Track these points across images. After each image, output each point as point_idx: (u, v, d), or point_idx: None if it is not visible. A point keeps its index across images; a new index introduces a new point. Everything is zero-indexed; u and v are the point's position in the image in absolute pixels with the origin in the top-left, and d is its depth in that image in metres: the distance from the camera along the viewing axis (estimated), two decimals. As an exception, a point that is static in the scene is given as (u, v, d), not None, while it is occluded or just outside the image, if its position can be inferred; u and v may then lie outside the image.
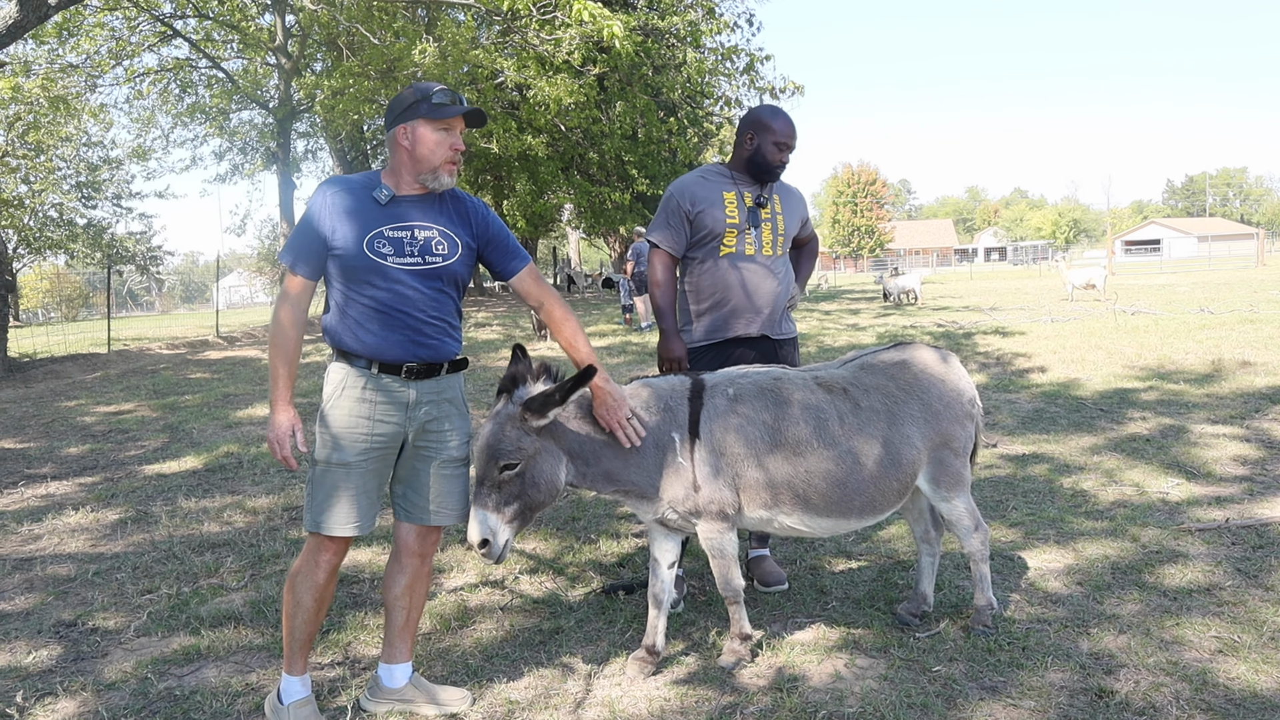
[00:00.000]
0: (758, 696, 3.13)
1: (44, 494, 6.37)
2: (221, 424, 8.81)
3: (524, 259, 3.14)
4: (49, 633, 3.91)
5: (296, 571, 3.01)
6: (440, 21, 18.47)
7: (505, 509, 3.01)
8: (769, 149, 3.93)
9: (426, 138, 2.88)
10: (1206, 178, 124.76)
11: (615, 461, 3.21)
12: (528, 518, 3.11)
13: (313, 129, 27.26)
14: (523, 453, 3.02)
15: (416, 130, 2.87)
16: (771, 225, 4.00)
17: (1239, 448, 6.18)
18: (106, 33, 19.40)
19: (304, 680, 3.05)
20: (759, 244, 3.97)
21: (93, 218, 35.84)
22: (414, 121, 2.87)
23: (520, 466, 3.02)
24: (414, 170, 2.91)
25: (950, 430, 3.45)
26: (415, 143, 2.88)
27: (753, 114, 4.03)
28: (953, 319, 17.23)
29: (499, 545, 3.00)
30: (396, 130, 2.90)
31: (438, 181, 2.92)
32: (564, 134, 22.82)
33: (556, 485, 3.13)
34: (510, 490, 3.02)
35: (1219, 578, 3.95)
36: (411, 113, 2.87)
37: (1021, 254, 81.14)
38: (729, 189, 3.98)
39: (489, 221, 3.08)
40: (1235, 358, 9.78)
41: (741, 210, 3.95)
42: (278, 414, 2.85)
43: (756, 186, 4.02)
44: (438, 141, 2.88)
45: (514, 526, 3.04)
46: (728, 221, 3.93)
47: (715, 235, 3.94)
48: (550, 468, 3.10)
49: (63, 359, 14.60)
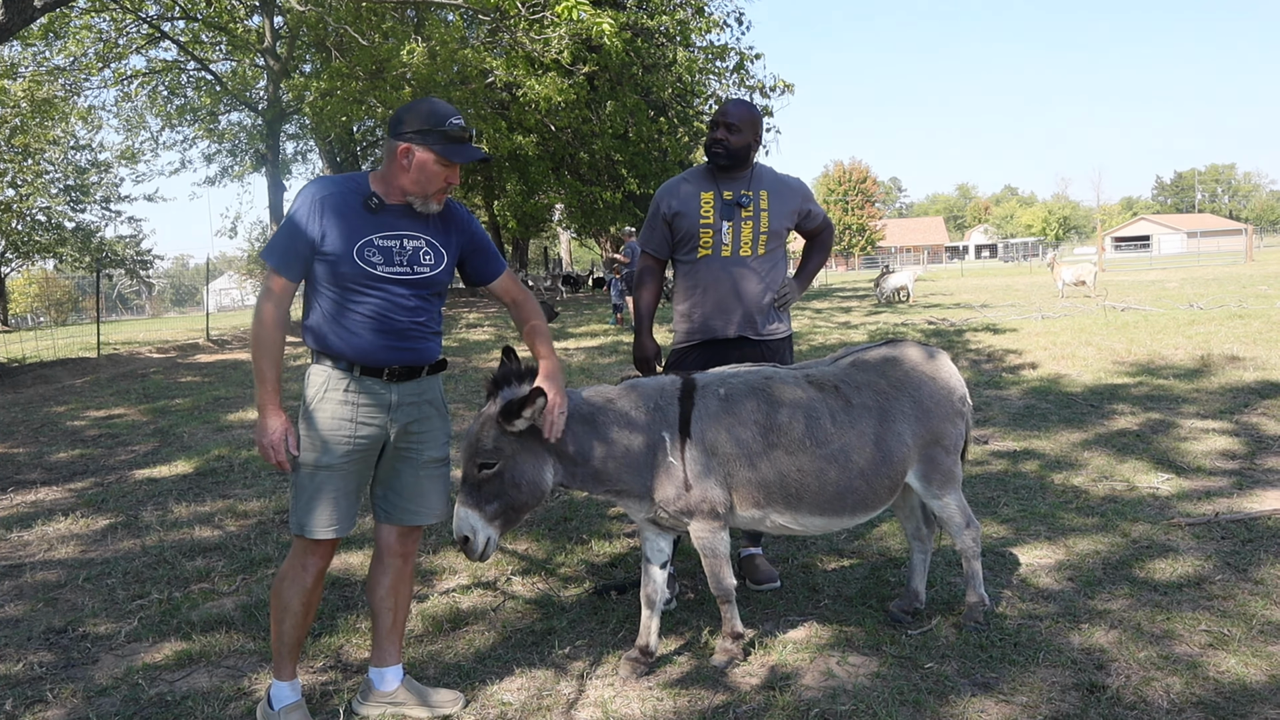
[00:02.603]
0: (751, 695, 3.13)
1: (33, 500, 6.34)
2: (212, 427, 8.77)
3: (503, 263, 3.21)
4: (39, 639, 3.89)
5: (283, 576, 3.00)
6: (429, 21, 18.43)
7: (486, 507, 3.05)
8: (710, 131, 3.98)
9: (429, 168, 2.84)
10: (1195, 174, 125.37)
11: (605, 462, 3.21)
12: (511, 517, 3.13)
13: (302, 131, 27.14)
14: (500, 453, 3.05)
15: (420, 156, 2.83)
16: (753, 223, 3.96)
17: (1228, 442, 6.21)
18: (93, 35, 19.28)
19: (294, 685, 3.04)
20: (736, 244, 3.95)
21: (81, 221, 35.76)
22: (421, 147, 2.83)
23: (499, 467, 3.05)
24: (405, 190, 2.89)
25: (941, 428, 3.46)
26: (416, 169, 2.85)
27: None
28: (944, 316, 17.27)
29: (479, 543, 3.04)
30: (400, 147, 2.84)
31: (426, 207, 2.92)
32: (554, 134, 22.80)
33: (540, 486, 3.13)
34: (490, 489, 3.05)
35: (1209, 572, 3.97)
36: (421, 138, 2.82)
37: (1012, 251, 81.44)
38: (707, 189, 3.99)
39: (473, 230, 3.10)
40: (1224, 353, 9.83)
41: (717, 209, 3.95)
42: (269, 418, 2.82)
43: (736, 182, 3.99)
44: (436, 174, 2.86)
45: (497, 525, 3.07)
46: (701, 223, 3.95)
47: (691, 237, 3.97)
48: (533, 469, 3.10)
49: (52, 364, 14.52)
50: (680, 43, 22.83)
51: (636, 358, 4.14)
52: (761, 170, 4.09)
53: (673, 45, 22.60)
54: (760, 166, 4.10)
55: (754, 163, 4.07)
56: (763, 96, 23.14)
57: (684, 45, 23.01)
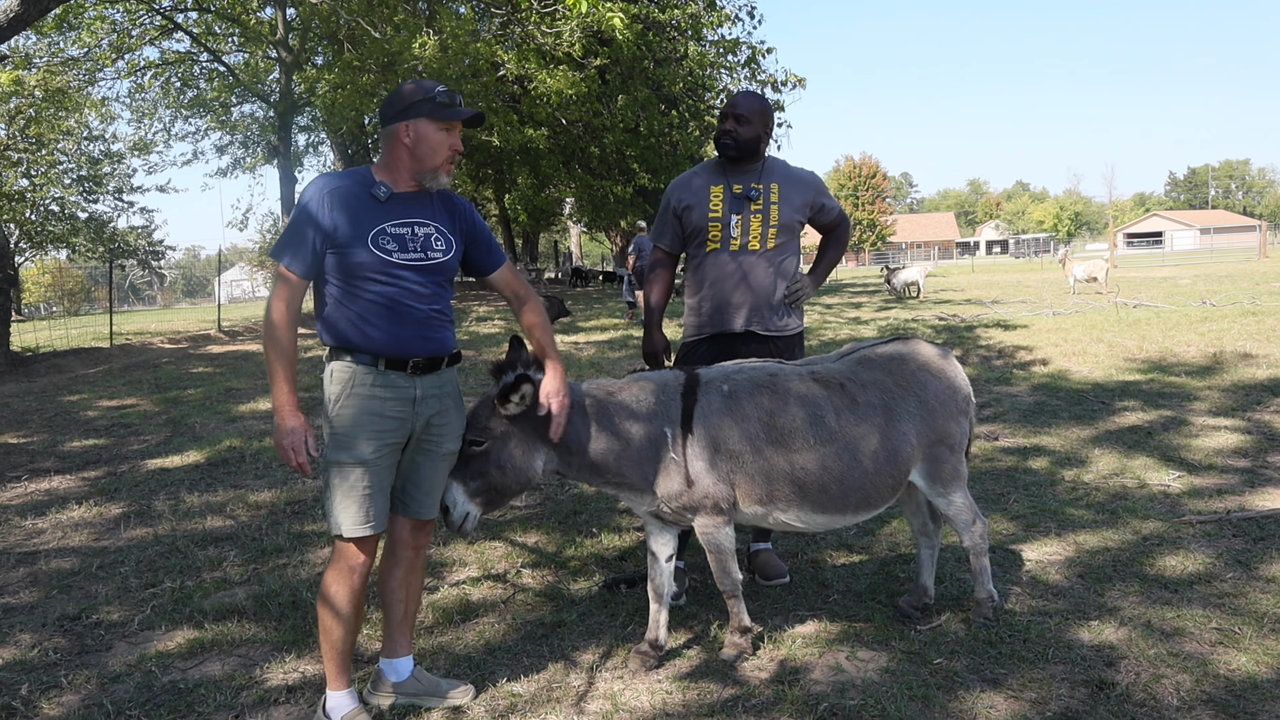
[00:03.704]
0: (760, 689, 3.14)
1: (47, 488, 6.39)
2: (224, 418, 8.82)
3: (503, 255, 3.24)
4: (53, 626, 3.93)
5: (329, 583, 2.92)
6: (440, 14, 18.42)
7: (470, 483, 3.11)
8: (719, 124, 3.98)
9: (429, 137, 2.86)
10: (1209, 170, 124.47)
11: (603, 455, 3.22)
12: (494, 499, 3.18)
13: (314, 123, 27.17)
14: (489, 432, 3.11)
15: (419, 128, 2.85)
16: (762, 217, 3.94)
17: (1240, 440, 6.18)
18: (107, 26, 19.35)
19: (350, 692, 3.00)
20: (745, 237, 3.94)
21: (94, 212, 35.85)
22: (417, 120, 2.85)
23: (486, 445, 3.11)
24: (412, 168, 2.90)
25: (946, 427, 3.45)
26: (417, 141, 2.86)
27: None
28: (955, 312, 17.22)
29: (458, 516, 3.11)
30: (398, 127, 2.86)
31: (436, 181, 2.92)
32: (565, 127, 22.75)
33: (526, 473, 3.17)
34: (476, 467, 3.11)
35: (1219, 569, 3.96)
36: (414, 111, 2.84)
37: (1023, 247, 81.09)
38: (717, 182, 3.98)
39: (474, 219, 3.12)
40: (1236, 350, 9.78)
41: (727, 202, 3.94)
42: (288, 418, 2.78)
43: (746, 175, 3.98)
44: (439, 141, 2.87)
45: (478, 502, 3.13)
46: (710, 217, 3.95)
47: (701, 231, 3.98)
48: (520, 454, 3.14)
49: (65, 353, 14.61)
50: (692, 36, 22.73)
51: (646, 352, 4.14)
52: (773, 163, 4.07)
53: (684, 39, 22.49)
54: (772, 159, 4.08)
55: (765, 156, 4.05)
56: (774, 91, 22.99)
57: (695, 39, 22.91)
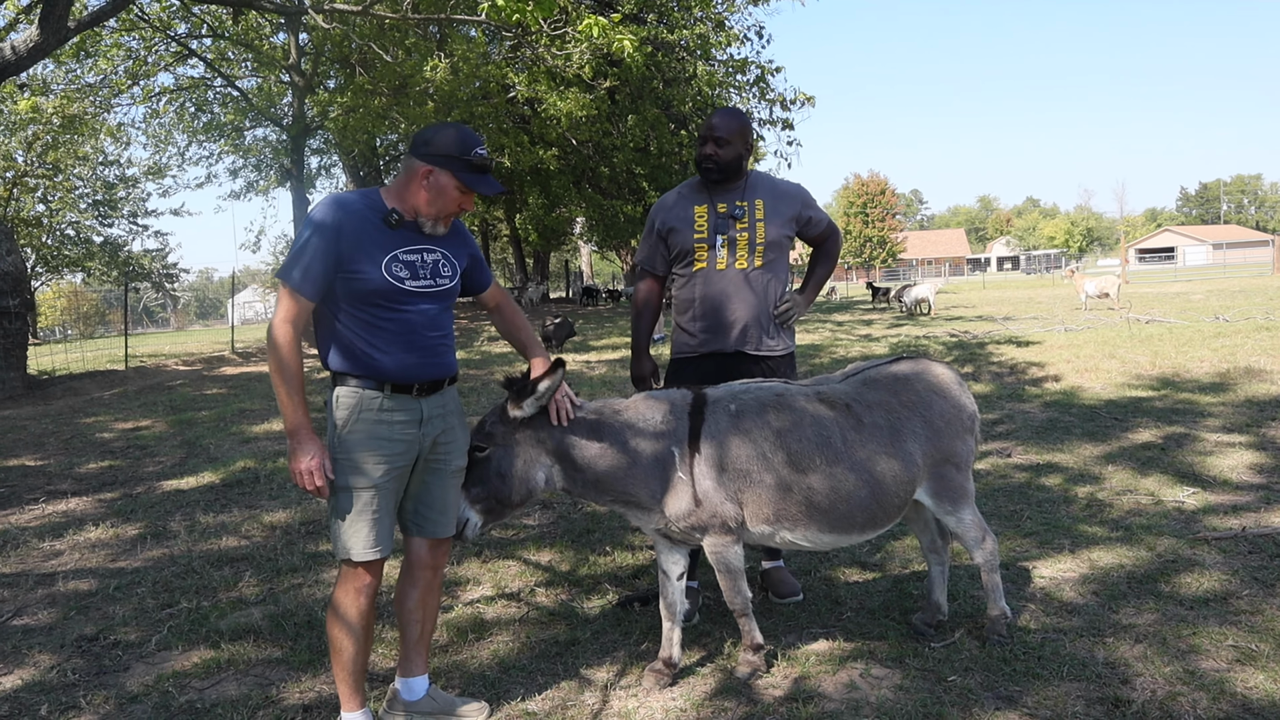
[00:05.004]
0: (774, 707, 3.14)
1: (64, 510, 6.44)
2: (238, 439, 8.88)
3: (491, 274, 3.34)
4: (71, 647, 3.96)
5: (337, 606, 2.95)
6: (451, 38, 18.62)
7: (471, 489, 3.17)
8: (699, 147, 3.95)
9: (448, 193, 2.90)
10: (1221, 185, 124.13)
11: (609, 473, 3.24)
12: (494, 509, 3.22)
13: (326, 145, 27.44)
14: (491, 439, 3.16)
15: (441, 180, 2.88)
16: (748, 235, 3.90)
17: (1254, 456, 6.15)
18: (123, 53, 19.61)
19: (365, 713, 3.05)
20: (732, 257, 3.91)
21: (109, 235, 36.26)
22: (445, 172, 2.88)
23: (488, 452, 3.15)
24: (419, 210, 2.93)
25: (952, 446, 3.46)
26: (435, 190, 2.89)
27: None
28: (966, 329, 17.20)
29: (458, 521, 3.15)
30: (422, 168, 2.87)
31: (434, 229, 2.97)
32: (575, 148, 22.91)
33: (526, 485, 3.20)
34: (477, 473, 3.17)
35: (1235, 586, 3.94)
36: (445, 163, 2.86)
37: (1035, 263, 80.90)
38: (701, 202, 3.96)
39: (472, 243, 3.21)
40: (1249, 366, 9.73)
41: (711, 222, 3.91)
42: (305, 442, 2.77)
43: (730, 193, 3.95)
44: (454, 198, 2.92)
45: (478, 509, 3.18)
46: (695, 237, 3.93)
47: (686, 252, 3.96)
48: (522, 465, 3.18)
49: (81, 376, 14.74)
50: (700, 57, 22.87)
51: (634, 376, 4.12)
52: (757, 178, 4.01)
53: (693, 59, 22.63)
54: (755, 174, 4.04)
55: (747, 171, 4.00)
56: (783, 109, 23.09)
57: (704, 59, 23.05)
